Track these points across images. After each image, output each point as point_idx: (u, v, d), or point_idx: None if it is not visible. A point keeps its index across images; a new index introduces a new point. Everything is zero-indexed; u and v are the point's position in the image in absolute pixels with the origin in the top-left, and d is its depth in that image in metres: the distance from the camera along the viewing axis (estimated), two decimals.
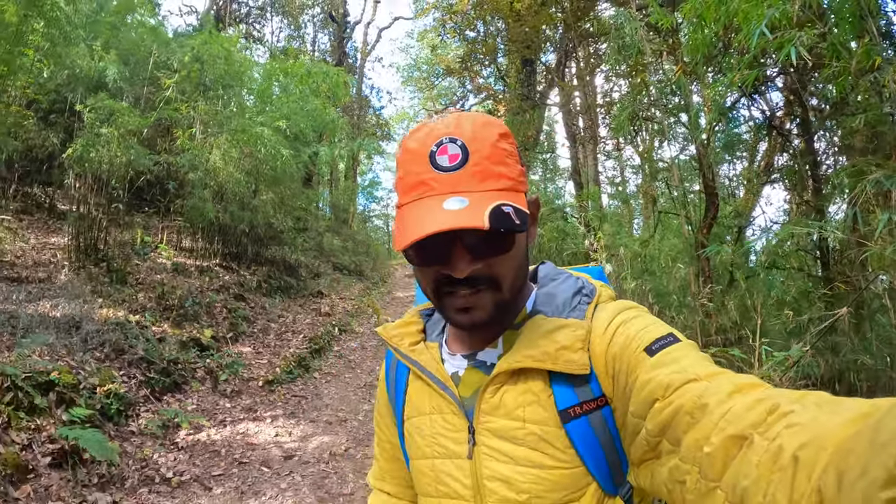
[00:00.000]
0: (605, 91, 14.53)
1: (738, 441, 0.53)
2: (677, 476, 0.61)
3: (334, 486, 4.29)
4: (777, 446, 0.49)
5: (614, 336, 0.76)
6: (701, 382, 0.62)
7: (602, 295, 0.86)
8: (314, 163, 12.24)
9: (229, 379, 5.59)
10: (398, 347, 0.95)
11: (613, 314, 0.80)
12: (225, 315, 6.61)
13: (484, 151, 0.76)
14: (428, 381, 0.89)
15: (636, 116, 7.52)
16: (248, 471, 4.26)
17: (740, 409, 0.55)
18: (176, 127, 6.95)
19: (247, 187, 8.15)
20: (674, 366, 0.66)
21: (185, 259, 7.07)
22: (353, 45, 18.13)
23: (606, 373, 0.76)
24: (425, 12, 16.46)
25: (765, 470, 0.49)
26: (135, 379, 4.50)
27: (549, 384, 0.79)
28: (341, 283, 11.48)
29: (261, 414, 5.38)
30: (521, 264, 0.83)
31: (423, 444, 0.90)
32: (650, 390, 0.66)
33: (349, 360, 8.07)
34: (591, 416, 0.77)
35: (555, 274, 0.91)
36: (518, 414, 0.80)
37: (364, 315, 10.52)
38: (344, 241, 13.61)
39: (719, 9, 3.44)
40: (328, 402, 6.26)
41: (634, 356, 0.71)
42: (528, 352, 0.78)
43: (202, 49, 7.48)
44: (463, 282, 0.77)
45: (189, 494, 3.74)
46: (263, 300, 7.95)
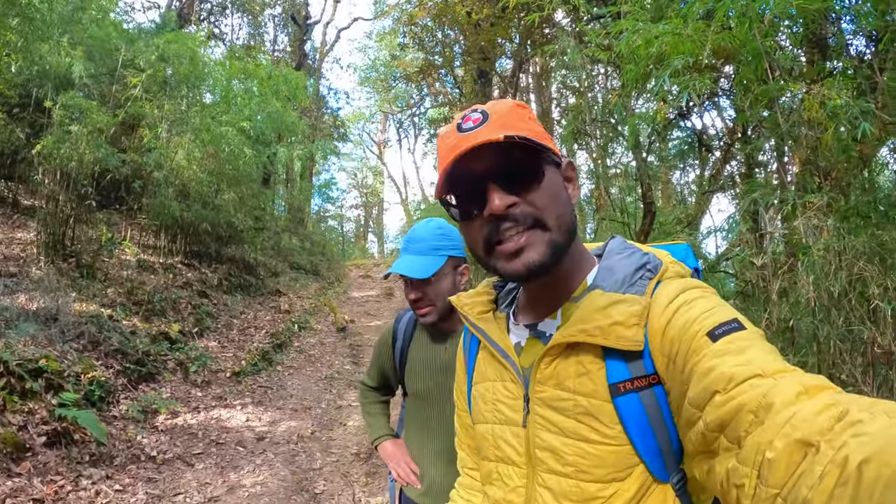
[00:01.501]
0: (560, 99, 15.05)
1: (804, 447, 0.51)
2: (735, 479, 0.59)
3: (304, 463, 4.70)
4: (843, 457, 0.47)
5: (675, 315, 0.74)
6: (767, 379, 0.59)
7: (668, 271, 0.84)
8: (272, 163, 12.42)
9: (199, 370, 5.86)
10: (467, 315, 0.99)
11: (677, 292, 0.78)
12: (190, 311, 6.85)
13: (502, 112, 0.83)
14: (492, 350, 0.93)
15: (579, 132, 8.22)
16: (226, 450, 4.61)
17: (808, 414, 0.53)
18: (141, 125, 7.11)
19: (209, 186, 8.36)
20: (738, 356, 0.64)
21: (149, 256, 7.23)
22: (312, 45, 18.33)
23: (662, 351, 0.74)
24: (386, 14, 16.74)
25: (829, 482, 0.47)
26: (112, 368, 4.75)
27: (602, 357, 0.79)
28: (299, 283, 11.72)
29: (231, 402, 5.70)
30: (563, 205, 0.84)
31: (486, 409, 0.94)
32: (711, 380, 0.63)
33: (309, 354, 8.40)
34: (643, 393, 0.76)
35: (621, 248, 0.89)
36: (568, 385, 0.80)
37: (321, 313, 10.82)
38: (302, 242, 13.83)
39: (647, 49, 3.86)
40: (292, 393, 6.62)
41: (696, 339, 0.69)
42: (581, 326, 0.78)
43: (167, 48, 7.64)
44: (508, 222, 0.80)
45: (174, 470, 4.06)
46: (225, 297, 8.17)
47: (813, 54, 4.37)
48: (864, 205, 2.94)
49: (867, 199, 3.02)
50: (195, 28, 12.79)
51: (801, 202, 2.92)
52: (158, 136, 7.26)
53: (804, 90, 3.05)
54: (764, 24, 3.16)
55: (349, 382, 7.40)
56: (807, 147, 3.23)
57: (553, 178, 0.83)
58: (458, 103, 15.38)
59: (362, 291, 14.33)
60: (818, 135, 3.08)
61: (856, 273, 2.57)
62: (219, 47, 14.09)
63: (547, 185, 0.81)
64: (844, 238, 2.67)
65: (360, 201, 34.20)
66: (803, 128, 3.13)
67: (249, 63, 10.77)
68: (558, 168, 0.86)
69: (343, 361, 8.37)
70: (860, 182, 3.49)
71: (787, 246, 3.40)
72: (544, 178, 0.81)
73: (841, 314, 2.58)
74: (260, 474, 4.31)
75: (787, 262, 3.16)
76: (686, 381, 0.68)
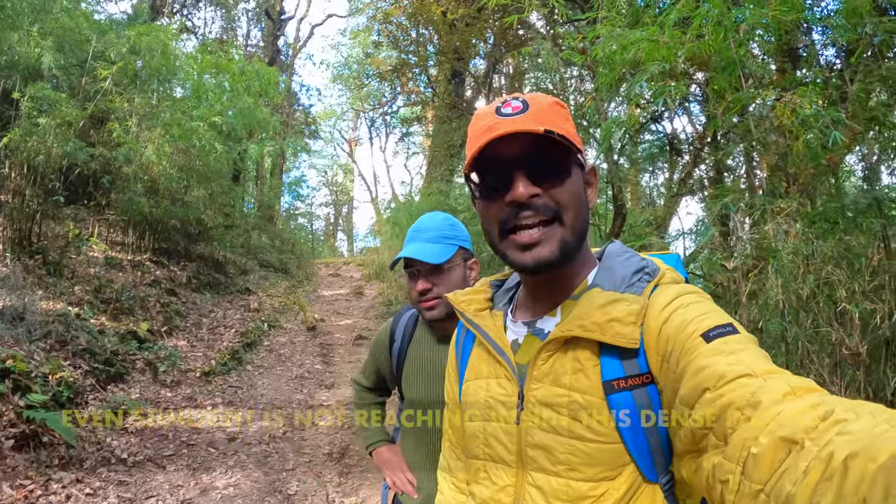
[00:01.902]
0: None
1: (788, 445, 0.52)
2: (720, 475, 0.59)
3: (277, 464, 4.67)
4: (828, 453, 0.47)
5: (671, 316, 0.76)
6: (756, 378, 0.60)
7: (665, 276, 0.86)
8: (243, 160, 12.22)
9: (168, 370, 5.75)
10: (464, 312, 0.99)
11: (674, 295, 0.79)
12: (159, 309, 6.70)
13: (542, 106, 0.84)
14: (488, 347, 0.93)
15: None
16: (197, 451, 4.55)
17: (793, 413, 0.54)
18: (111, 119, 6.92)
19: (179, 183, 8.18)
20: (730, 357, 0.65)
21: (117, 253, 7.04)
22: (286, 41, 18.07)
23: (657, 351, 0.75)
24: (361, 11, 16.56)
25: (813, 477, 0.48)
26: (80, 369, 4.63)
27: (598, 355, 0.79)
28: (268, 281, 11.56)
29: (201, 402, 5.61)
30: (581, 205, 0.85)
31: (477, 406, 0.93)
32: (702, 378, 0.64)
33: (279, 353, 8.31)
34: (636, 391, 0.77)
35: (620, 252, 0.91)
36: (564, 381, 0.81)
37: (291, 312, 10.70)
38: (272, 240, 13.64)
39: (623, 55, 3.84)
40: (263, 392, 6.55)
41: (690, 340, 0.70)
42: (579, 321, 0.79)
43: (139, 40, 7.45)
44: (527, 210, 0.81)
45: (145, 472, 3.99)
46: (194, 296, 8.02)
47: (783, 63, 4.47)
48: (832, 210, 2.99)
49: (835, 206, 3.06)
50: (167, 20, 12.46)
51: (772, 207, 2.96)
52: (128, 131, 7.07)
53: (775, 98, 3.09)
54: (739, 34, 3.19)
55: (320, 382, 7.36)
56: (776, 153, 3.29)
57: (577, 179, 0.85)
58: (430, 102, 15.35)
59: (332, 290, 14.20)
60: (789, 142, 3.13)
61: (823, 276, 2.62)
62: (191, 41, 13.77)
63: (571, 184, 0.83)
64: (812, 242, 2.71)
65: (330, 199, 33.88)
66: (773, 135, 3.20)
67: (222, 57, 10.57)
68: (582, 171, 0.88)
69: (314, 361, 8.31)
70: (826, 188, 3.56)
71: (757, 250, 3.43)
72: (570, 177, 0.83)
73: (809, 316, 2.62)
74: (232, 476, 4.28)
75: (758, 266, 3.18)
76: (678, 380, 0.70)
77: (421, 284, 1.54)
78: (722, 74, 3.36)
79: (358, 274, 16.43)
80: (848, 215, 2.91)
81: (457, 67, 13.23)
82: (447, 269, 1.55)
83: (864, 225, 2.80)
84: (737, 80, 3.28)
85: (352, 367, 8.23)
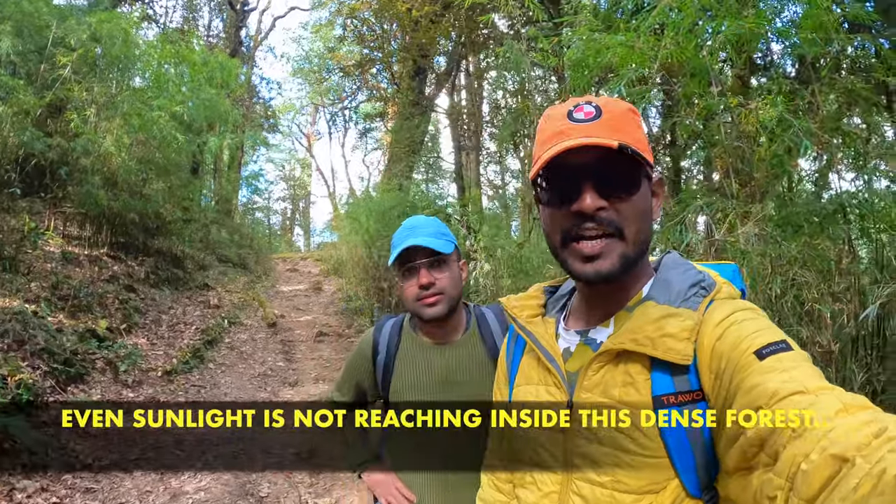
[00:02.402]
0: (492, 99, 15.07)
1: (839, 462, 0.51)
2: (768, 491, 0.58)
3: (246, 465, 4.59)
4: (880, 470, 0.46)
5: (725, 333, 0.73)
6: (808, 395, 0.59)
7: (722, 291, 0.83)
8: (202, 152, 11.79)
9: (129, 370, 5.51)
10: (516, 318, 0.97)
11: (729, 312, 0.77)
12: (117, 306, 6.40)
13: (615, 113, 0.82)
14: (539, 353, 0.91)
15: (517, 133, 8.34)
16: (163, 454, 4.39)
17: (845, 430, 0.52)
18: (69, 109, 6.53)
19: (138, 175, 7.83)
20: (783, 374, 0.63)
21: (73, 248, 6.66)
22: (247, 32, 17.49)
23: (710, 368, 0.73)
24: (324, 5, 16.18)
25: (863, 492, 0.46)
26: (39, 370, 4.38)
27: (650, 369, 0.77)
28: (227, 276, 11.23)
29: (164, 402, 5.42)
30: (645, 220, 0.83)
31: (526, 412, 0.91)
32: (755, 395, 0.63)
33: (241, 351, 8.10)
34: (686, 407, 0.74)
35: (677, 264, 0.89)
36: (613, 393, 0.79)
37: (250, 308, 10.44)
38: (231, 234, 13.22)
39: (597, 58, 3.77)
40: (226, 391, 6.38)
41: (743, 357, 0.69)
42: (632, 335, 0.78)
43: (100, 27, 7.05)
44: (591, 222, 0.80)
45: (112, 478, 3.83)
46: (153, 292, 7.70)
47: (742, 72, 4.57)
48: (797, 215, 3.03)
49: (800, 210, 3.10)
50: (129, 8, 11.83)
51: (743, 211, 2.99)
52: (87, 121, 6.70)
53: (740, 105, 3.13)
54: (715, 44, 3.21)
55: (283, 380, 7.24)
56: (738, 158, 3.30)
57: (645, 191, 0.83)
58: (393, 98, 15.14)
59: (290, 285, 13.92)
60: (754, 147, 3.19)
61: (791, 278, 2.68)
62: (152, 29, 13.13)
63: (638, 198, 0.81)
64: (780, 245, 2.76)
65: (288, 194, 33.06)
66: (736, 141, 3.21)
67: (183, 47, 10.14)
68: (650, 181, 0.86)
69: (276, 358, 8.16)
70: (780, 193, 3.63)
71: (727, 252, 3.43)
72: (638, 191, 0.81)
73: (777, 315, 2.65)
74: (202, 479, 4.16)
75: None
76: (731, 398, 0.68)
77: (424, 277, 1.43)
78: (692, 81, 3.37)
79: (316, 269, 16.18)
80: (814, 220, 2.96)
81: (421, 64, 13.06)
82: (450, 264, 1.48)
83: (830, 229, 2.87)
84: (705, 87, 3.31)
85: (314, 363, 8.14)
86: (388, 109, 16.33)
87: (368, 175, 25.59)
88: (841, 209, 2.86)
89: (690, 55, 3.21)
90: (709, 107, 3.23)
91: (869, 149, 3.12)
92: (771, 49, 4.68)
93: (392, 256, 1.47)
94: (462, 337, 1.54)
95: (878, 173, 3.04)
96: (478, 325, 1.56)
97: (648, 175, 0.84)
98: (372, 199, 10.79)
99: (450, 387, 1.48)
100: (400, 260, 1.46)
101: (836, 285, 2.65)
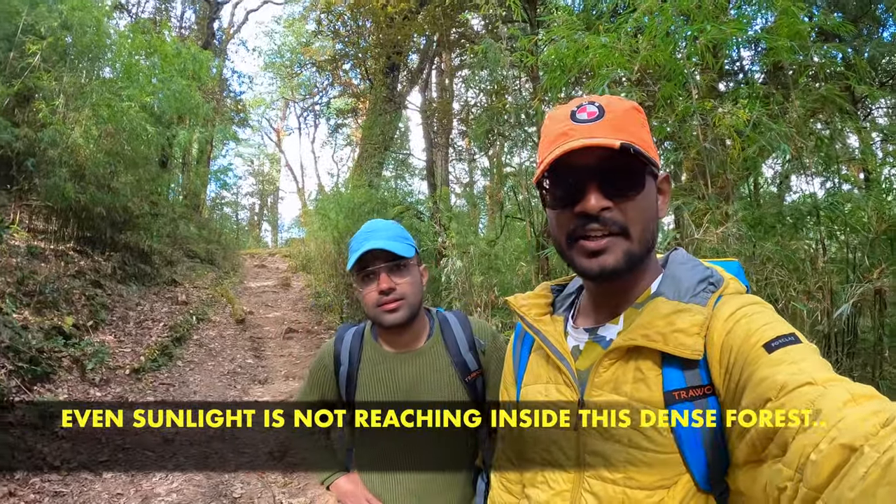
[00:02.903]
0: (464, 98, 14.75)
1: (848, 451, 0.51)
2: (778, 482, 0.58)
3: (217, 465, 4.51)
4: (888, 458, 0.46)
5: (734, 327, 0.73)
6: (817, 387, 0.59)
7: (729, 287, 0.83)
8: (171, 145, 11.43)
9: (96, 368, 5.32)
10: (524, 316, 0.95)
11: (738, 306, 0.77)
12: (84, 302, 6.16)
13: (618, 112, 0.81)
14: (548, 351, 0.89)
15: (491, 131, 8.27)
16: (133, 455, 4.28)
17: (854, 420, 0.53)
18: (37, 98, 6.23)
19: (106, 168, 7.54)
20: (792, 366, 0.63)
21: (39, 242, 6.36)
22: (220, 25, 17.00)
23: (720, 362, 0.73)
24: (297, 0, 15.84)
25: (871, 482, 0.46)
26: (4, 369, 4.19)
27: (660, 365, 0.77)
28: (195, 272, 10.94)
29: (133, 401, 5.26)
30: (650, 219, 0.82)
31: (535, 411, 0.89)
32: (765, 388, 0.63)
33: (209, 348, 7.93)
34: (697, 402, 0.74)
35: (685, 260, 0.88)
36: (625, 390, 0.79)
37: (219, 304, 10.21)
38: (199, 229, 12.85)
39: (576, 59, 3.73)
40: (195, 389, 6.24)
41: (753, 351, 0.69)
42: (643, 331, 0.77)
43: (71, 15, 6.76)
44: (595, 223, 0.79)
45: (81, 481, 3.71)
46: (120, 287, 7.44)
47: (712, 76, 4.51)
48: (770, 216, 3.06)
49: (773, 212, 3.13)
50: None
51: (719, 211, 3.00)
52: (55, 111, 6.41)
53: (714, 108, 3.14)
54: (696, 46, 3.21)
55: (253, 377, 7.13)
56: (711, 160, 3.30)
57: (649, 190, 0.82)
58: (366, 95, 14.90)
59: (258, 282, 13.66)
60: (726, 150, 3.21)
61: (766, 277, 2.72)
62: (123, 19, 12.62)
63: (642, 197, 0.80)
64: (754, 245, 2.79)
65: (256, 189, 32.31)
66: (709, 144, 3.21)
67: (156, 37, 9.81)
68: (655, 179, 0.85)
69: (245, 355, 8.02)
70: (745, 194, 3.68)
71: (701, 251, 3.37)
72: (643, 190, 0.81)
73: None
74: (173, 481, 4.08)
75: None
76: (741, 391, 0.68)
77: (384, 282, 1.36)
78: (669, 84, 3.35)
79: (284, 265, 15.93)
80: (787, 220, 3.00)
81: (394, 61, 12.87)
82: (410, 268, 1.41)
83: (803, 230, 2.93)
84: (680, 90, 3.30)
85: (284, 360, 8.04)
86: (360, 105, 16.11)
87: (338, 171, 25.31)
88: (814, 211, 2.89)
89: (667, 58, 3.20)
90: (685, 109, 3.22)
91: (838, 153, 3.12)
92: (742, 55, 4.77)
93: (351, 261, 1.39)
94: (425, 344, 1.48)
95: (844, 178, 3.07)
96: (441, 332, 1.50)
97: (654, 173, 0.84)
98: (341, 195, 10.62)
99: (416, 393, 1.42)
100: (359, 264, 1.38)
101: (810, 284, 2.68)
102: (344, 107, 18.70)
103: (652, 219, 0.83)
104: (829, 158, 3.10)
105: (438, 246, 8.39)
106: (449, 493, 1.43)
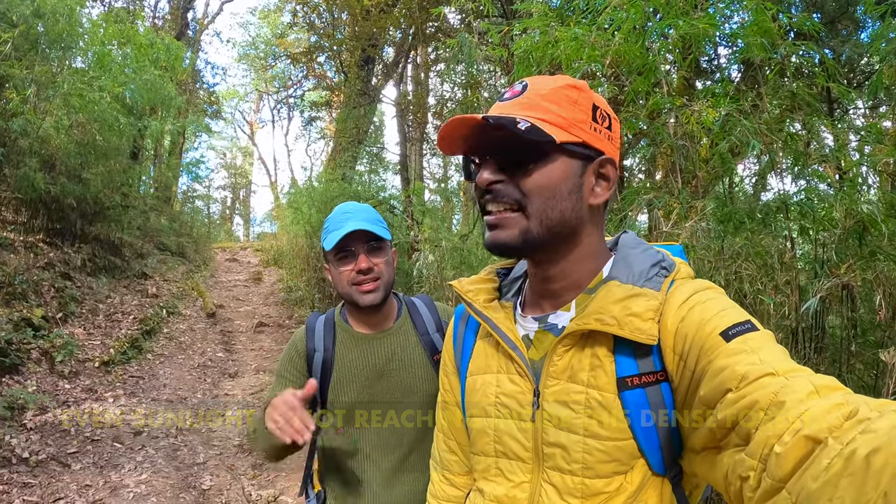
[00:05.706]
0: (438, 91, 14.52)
1: (812, 443, 0.50)
2: (740, 471, 0.57)
3: (187, 457, 4.50)
4: (850, 450, 0.46)
5: (689, 313, 0.71)
6: (778, 378, 0.58)
7: (681, 271, 0.80)
8: (143, 137, 11.16)
9: (65, 360, 5.22)
10: (472, 303, 0.89)
11: (691, 292, 0.74)
12: (53, 294, 6.01)
13: (542, 91, 0.76)
14: (498, 340, 0.85)
15: None
16: (102, 447, 4.24)
17: (818, 412, 0.52)
18: (8, 87, 6.03)
19: (77, 159, 7.35)
20: (752, 356, 0.61)
21: (8, 233, 6.15)
22: (194, 16, 16.56)
23: (674, 349, 0.71)
24: None
25: (834, 474, 0.46)
26: None
27: (613, 351, 0.75)
28: (166, 265, 10.72)
29: (102, 394, 5.18)
30: (558, 198, 0.76)
31: (486, 402, 0.85)
32: (724, 378, 0.61)
33: (180, 341, 7.82)
34: (649, 389, 0.73)
35: (635, 244, 0.84)
36: (581, 378, 0.76)
37: (190, 297, 10.04)
38: (171, 222, 12.56)
39: (546, 52, 3.61)
40: (165, 382, 6.17)
41: (710, 338, 0.66)
42: (598, 315, 0.74)
43: (44, 3, 6.54)
44: (488, 195, 0.77)
45: (50, 472, 3.67)
46: (89, 280, 7.26)
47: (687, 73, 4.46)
48: (739, 213, 3.02)
49: (742, 209, 3.08)
50: None
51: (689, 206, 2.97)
52: (26, 100, 6.22)
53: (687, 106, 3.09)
54: (668, 42, 3.18)
55: (223, 371, 7.09)
56: (682, 156, 3.23)
57: (558, 168, 0.75)
58: (340, 88, 14.66)
59: (230, 275, 13.45)
60: (697, 147, 3.17)
61: (735, 271, 2.70)
62: (96, 7, 12.20)
63: (543, 174, 0.75)
64: (723, 240, 2.77)
65: (228, 182, 31.61)
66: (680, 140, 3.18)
67: (129, 27, 9.56)
68: (587, 161, 0.78)
69: (215, 349, 7.95)
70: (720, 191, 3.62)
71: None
72: (543, 166, 0.75)
73: None
74: (143, 472, 4.06)
75: None
76: (698, 380, 0.66)
77: (363, 262, 1.36)
78: (640, 79, 3.26)
79: (256, 259, 15.72)
80: (757, 216, 2.97)
81: (369, 54, 12.71)
82: (386, 250, 1.42)
83: (773, 226, 2.92)
84: (651, 86, 3.23)
85: (255, 354, 8.00)
86: (334, 98, 15.90)
87: (311, 165, 24.99)
88: (784, 207, 2.87)
89: (637, 54, 3.13)
90: (656, 104, 3.14)
91: (810, 151, 3.06)
92: (718, 53, 4.72)
93: (332, 241, 1.37)
94: (395, 325, 1.49)
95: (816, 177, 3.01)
96: (409, 313, 1.52)
97: (581, 154, 0.77)
98: (314, 188, 10.51)
99: (387, 376, 1.43)
100: (339, 244, 1.37)
101: (778, 279, 2.67)
102: (318, 99, 18.47)
103: (559, 199, 0.76)
104: (800, 155, 3.04)
105: (411, 240, 8.23)
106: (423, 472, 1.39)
